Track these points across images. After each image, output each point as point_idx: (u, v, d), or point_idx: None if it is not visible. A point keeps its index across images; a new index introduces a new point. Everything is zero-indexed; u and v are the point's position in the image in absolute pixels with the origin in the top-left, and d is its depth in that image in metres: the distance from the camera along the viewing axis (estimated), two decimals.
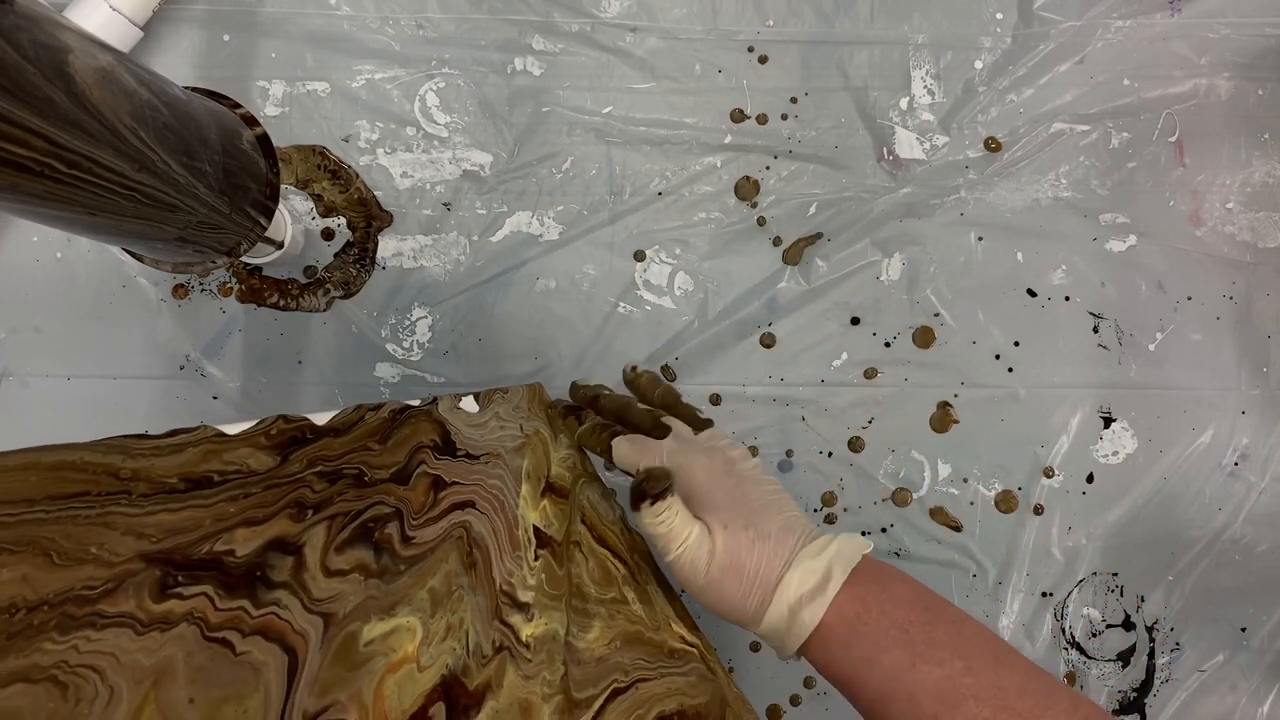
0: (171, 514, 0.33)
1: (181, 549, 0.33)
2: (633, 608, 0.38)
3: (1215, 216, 0.66)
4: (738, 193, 0.65)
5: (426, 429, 0.41)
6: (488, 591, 0.36)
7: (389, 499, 0.37)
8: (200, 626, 0.31)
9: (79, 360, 0.63)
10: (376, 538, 0.36)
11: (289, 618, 0.33)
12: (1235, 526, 0.65)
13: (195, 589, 0.32)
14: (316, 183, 0.64)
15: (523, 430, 0.42)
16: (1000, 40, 0.65)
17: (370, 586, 0.34)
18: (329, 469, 0.37)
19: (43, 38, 0.33)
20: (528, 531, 0.38)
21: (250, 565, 0.33)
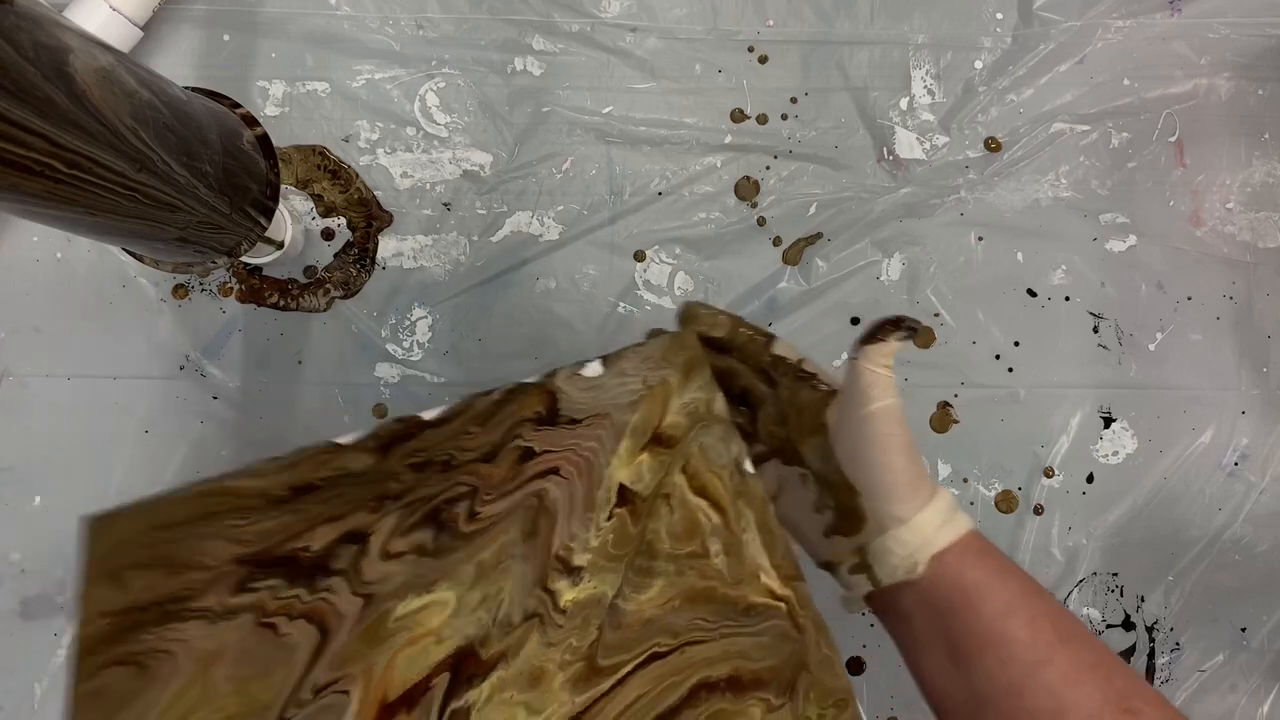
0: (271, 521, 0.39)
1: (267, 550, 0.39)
2: (712, 561, 0.38)
3: (1215, 216, 0.66)
4: (738, 193, 0.65)
5: (534, 402, 0.42)
6: (540, 559, 0.37)
7: (468, 479, 0.39)
8: (257, 614, 0.37)
9: (79, 360, 0.63)
10: (443, 518, 0.38)
11: (335, 601, 0.37)
12: (1235, 526, 0.65)
13: (265, 583, 0.38)
14: (316, 183, 0.64)
15: (645, 382, 0.41)
16: (1000, 40, 0.65)
17: (421, 565, 0.37)
18: (420, 460, 0.40)
19: (43, 38, 0.33)
20: (610, 491, 0.38)
21: (319, 557, 0.38)
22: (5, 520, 0.62)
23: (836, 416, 0.41)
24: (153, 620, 0.38)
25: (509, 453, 0.40)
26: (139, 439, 0.63)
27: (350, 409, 0.64)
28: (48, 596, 0.62)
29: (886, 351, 0.39)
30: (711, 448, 0.40)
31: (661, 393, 0.41)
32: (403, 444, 0.41)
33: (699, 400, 0.41)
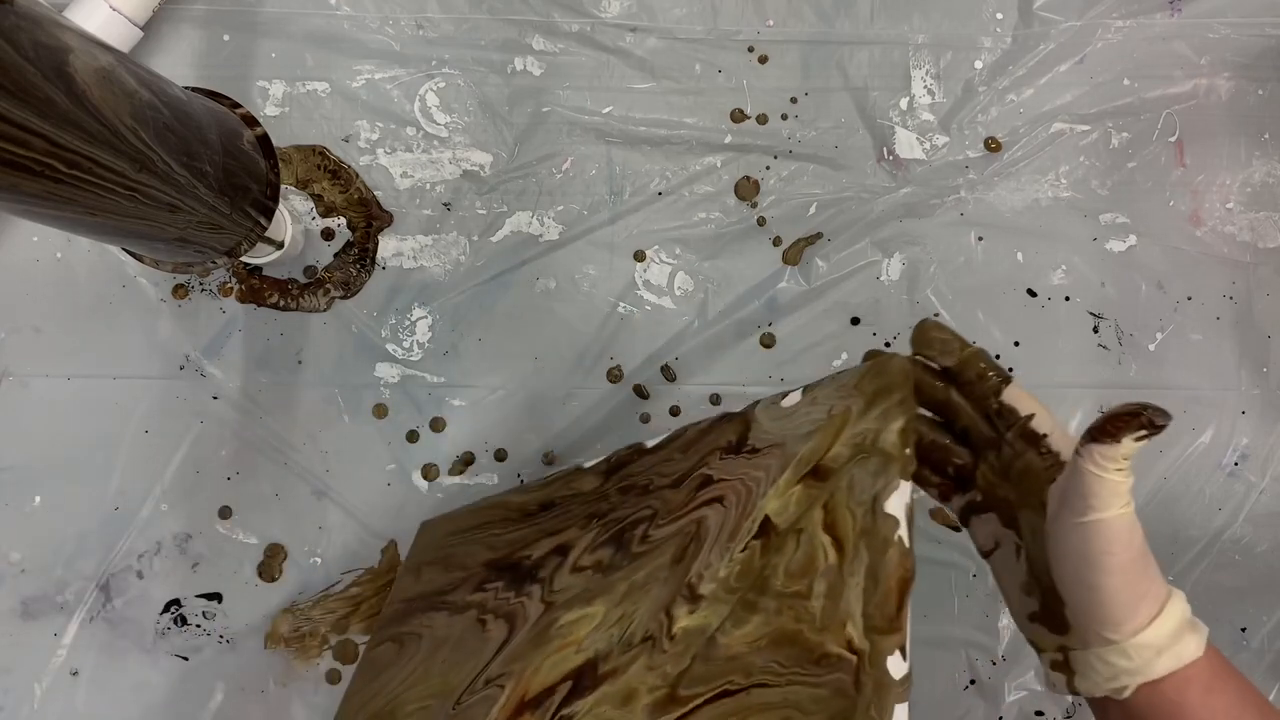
0: (517, 532, 0.44)
1: (506, 556, 0.43)
2: (811, 603, 0.36)
3: (1215, 216, 0.66)
4: (738, 193, 0.65)
5: (730, 431, 0.42)
6: (676, 584, 0.36)
7: (654, 503, 0.40)
8: (479, 610, 0.41)
9: (79, 360, 0.63)
10: (624, 538, 0.40)
11: (527, 605, 0.40)
12: (1235, 526, 0.65)
13: (493, 585, 0.42)
14: (316, 183, 0.64)
15: (829, 412, 0.39)
16: (1000, 40, 0.65)
17: (593, 580, 0.39)
18: (629, 484, 0.43)
19: (43, 38, 0.33)
20: (755, 521, 0.37)
21: (534, 565, 0.42)
22: (5, 520, 0.62)
23: (1055, 507, 0.34)
24: (421, 608, 0.44)
25: (693, 480, 0.40)
26: (139, 439, 0.63)
27: (350, 409, 0.64)
28: (48, 596, 0.62)
29: (1118, 454, 0.31)
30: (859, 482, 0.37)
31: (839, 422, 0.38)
32: (624, 468, 0.44)
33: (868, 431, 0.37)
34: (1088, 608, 0.33)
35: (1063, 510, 0.34)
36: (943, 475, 0.40)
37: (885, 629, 0.34)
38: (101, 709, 0.62)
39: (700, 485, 0.40)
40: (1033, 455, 0.36)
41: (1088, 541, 0.32)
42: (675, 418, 0.65)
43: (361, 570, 0.63)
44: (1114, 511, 0.32)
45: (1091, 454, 0.32)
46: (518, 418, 0.64)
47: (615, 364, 0.65)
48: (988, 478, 0.38)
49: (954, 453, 0.39)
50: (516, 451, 0.64)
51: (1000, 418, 0.37)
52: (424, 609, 0.44)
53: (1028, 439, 0.36)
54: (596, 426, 0.64)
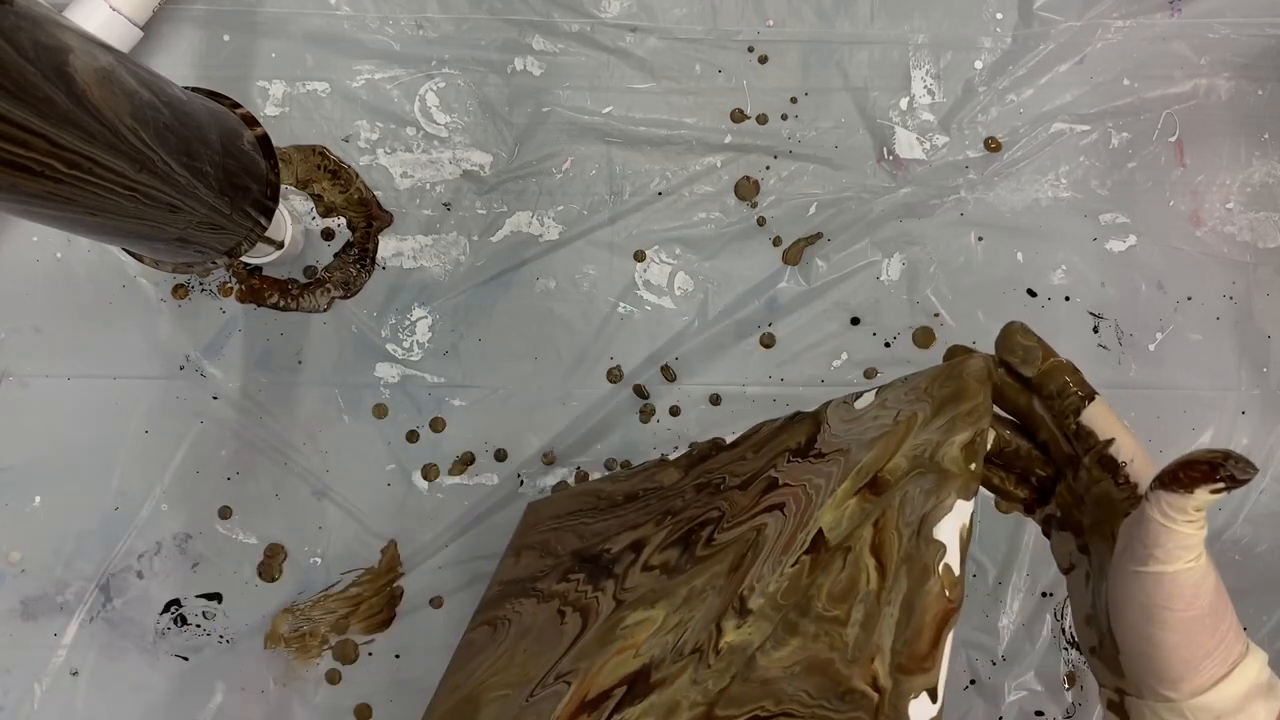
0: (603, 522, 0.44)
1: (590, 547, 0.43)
2: (846, 630, 0.33)
3: (1215, 216, 0.66)
4: (738, 193, 0.65)
5: (801, 431, 0.40)
6: (729, 594, 0.35)
7: (723, 504, 0.39)
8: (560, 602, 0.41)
9: (79, 360, 0.63)
10: (691, 539, 0.39)
11: (601, 601, 0.40)
12: (1235, 526, 0.65)
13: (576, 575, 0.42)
14: (316, 183, 0.64)
15: (896, 417, 0.37)
16: (1000, 40, 0.65)
17: (659, 581, 0.38)
18: (703, 481, 0.42)
19: (43, 38, 0.33)
20: (809, 534, 0.35)
21: (612, 559, 0.42)
22: (5, 520, 0.62)
23: (1122, 545, 0.32)
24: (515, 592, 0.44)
25: (760, 482, 0.39)
26: (139, 439, 0.63)
27: (350, 409, 0.64)
28: (48, 596, 0.62)
29: (1189, 505, 0.29)
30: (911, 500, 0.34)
31: (903, 430, 0.36)
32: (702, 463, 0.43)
33: (929, 443, 0.34)
34: (1143, 660, 0.30)
35: (1126, 553, 0.31)
36: (1027, 485, 0.38)
37: (911, 668, 0.31)
38: (101, 709, 0.62)
39: (766, 489, 0.38)
40: (1109, 484, 0.34)
41: (1147, 593, 0.30)
42: (675, 417, 0.65)
43: (361, 570, 0.63)
44: (1179, 565, 0.29)
45: (1160, 502, 0.30)
46: (518, 418, 0.64)
47: (615, 364, 0.65)
48: (1065, 497, 0.36)
49: (1038, 463, 0.37)
50: (516, 451, 0.64)
51: (1079, 439, 0.34)
52: (518, 594, 0.44)
53: (1105, 465, 0.34)
54: (596, 426, 0.64)
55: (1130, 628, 0.31)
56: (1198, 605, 0.29)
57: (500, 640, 0.42)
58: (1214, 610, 0.30)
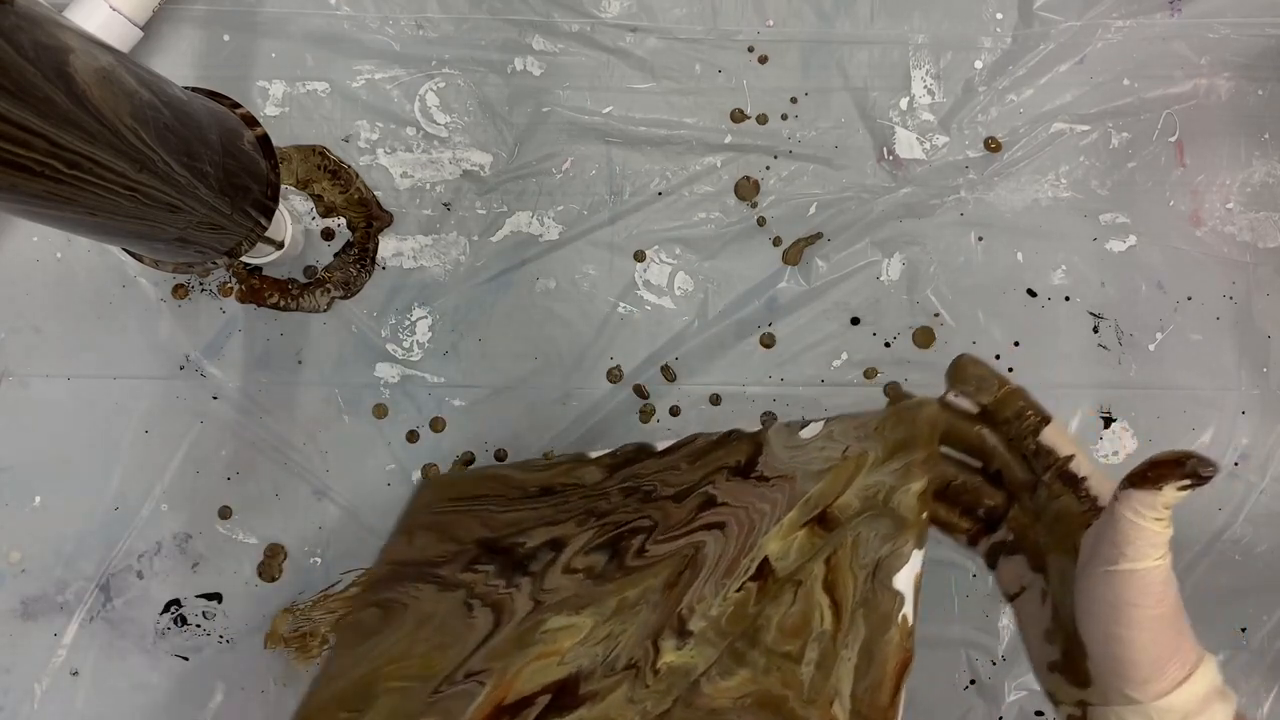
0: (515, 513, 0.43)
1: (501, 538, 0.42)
2: (800, 669, 0.33)
3: (1215, 216, 0.66)
4: (738, 193, 0.65)
5: (741, 450, 0.40)
6: (666, 612, 0.35)
7: (654, 514, 0.39)
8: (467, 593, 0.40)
9: (79, 360, 0.63)
10: (619, 546, 0.38)
11: (517, 598, 0.39)
12: (1235, 526, 0.65)
13: (485, 567, 0.41)
14: (316, 183, 0.64)
15: (845, 453, 0.37)
16: (1000, 40, 0.65)
17: (583, 586, 0.37)
18: (632, 485, 0.41)
19: (43, 38, 0.33)
20: (754, 561, 0.35)
21: (527, 555, 0.41)
22: (5, 520, 0.62)
23: (1088, 553, 0.33)
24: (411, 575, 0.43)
25: (696, 497, 0.39)
26: (139, 439, 0.63)
27: (350, 409, 0.64)
28: (48, 596, 0.62)
29: (1159, 503, 0.31)
30: (866, 542, 0.34)
31: (853, 466, 0.36)
32: (629, 467, 0.42)
33: (883, 486, 0.35)
34: (1112, 663, 0.31)
35: (1094, 557, 0.32)
36: (972, 518, 0.39)
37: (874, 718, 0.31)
38: (101, 709, 0.62)
39: (703, 505, 0.38)
40: (1069, 498, 0.35)
41: (1118, 592, 0.31)
42: (675, 417, 0.65)
43: (361, 570, 0.63)
44: (1148, 563, 0.31)
45: (1130, 500, 0.31)
46: (518, 418, 0.64)
47: (615, 364, 0.65)
48: (1020, 520, 0.37)
49: (986, 493, 0.38)
50: (516, 451, 0.64)
51: (1038, 458, 0.36)
52: (414, 577, 0.42)
53: (1066, 480, 0.35)
54: (596, 426, 0.64)
55: (1101, 629, 0.32)
56: (1165, 603, 0.31)
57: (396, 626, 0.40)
58: (1177, 612, 0.31)
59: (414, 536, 0.46)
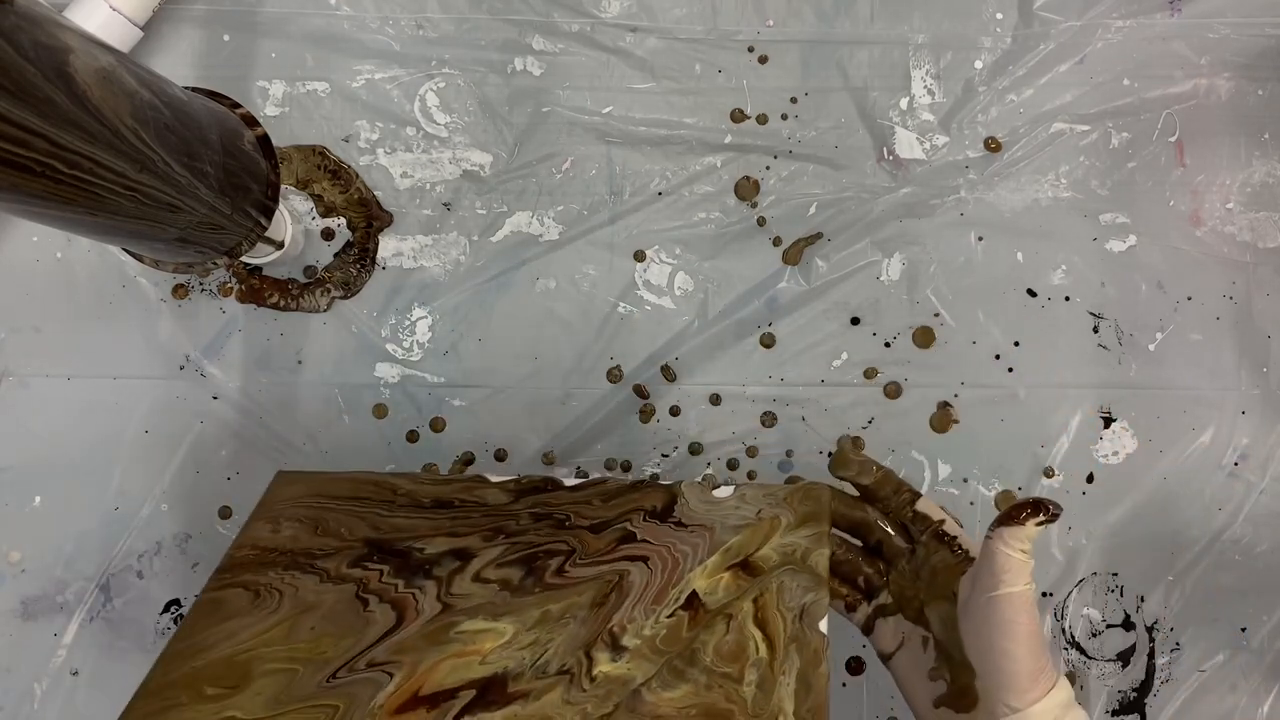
0: (406, 520, 0.46)
1: (392, 541, 0.45)
2: (742, 687, 0.39)
3: (1215, 216, 0.66)
4: (738, 193, 0.65)
5: (656, 497, 0.46)
6: (596, 627, 0.40)
7: (572, 540, 0.44)
8: (359, 587, 0.43)
9: (79, 360, 0.63)
10: (535, 564, 0.43)
11: (420, 599, 0.42)
12: (1235, 526, 0.65)
13: (376, 566, 0.44)
14: (316, 183, 0.64)
15: (759, 514, 0.45)
16: (1000, 40, 0.66)
17: (499, 596, 0.42)
18: (543, 511, 0.46)
19: (43, 38, 0.33)
20: (683, 592, 0.41)
21: (426, 560, 0.44)
22: (5, 520, 0.62)
23: (967, 591, 0.41)
24: (282, 564, 0.45)
25: (615, 531, 0.44)
26: (139, 439, 0.63)
27: (350, 409, 0.64)
28: (48, 596, 0.62)
29: (1023, 535, 0.39)
30: (789, 589, 0.41)
31: (769, 527, 0.44)
32: (535, 494, 0.47)
33: (798, 546, 0.43)
34: (999, 676, 0.39)
35: (976, 589, 0.40)
36: (852, 586, 0.47)
37: None
38: (101, 709, 0.62)
39: (623, 539, 0.44)
40: (945, 553, 0.44)
41: (1000, 612, 0.39)
42: (675, 417, 0.65)
43: None
44: (1020, 586, 0.39)
45: (1003, 535, 0.39)
46: (518, 418, 0.64)
47: (615, 364, 0.65)
48: (899, 582, 0.45)
49: (866, 565, 0.46)
50: (516, 451, 0.64)
51: (915, 524, 0.45)
52: (287, 565, 0.45)
53: (941, 540, 0.44)
54: (596, 426, 0.64)
55: (990, 647, 0.39)
56: (1035, 620, 0.39)
57: (270, 610, 0.43)
58: (1041, 632, 0.39)
59: (279, 526, 0.48)
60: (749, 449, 0.65)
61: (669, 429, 0.65)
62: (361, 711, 0.38)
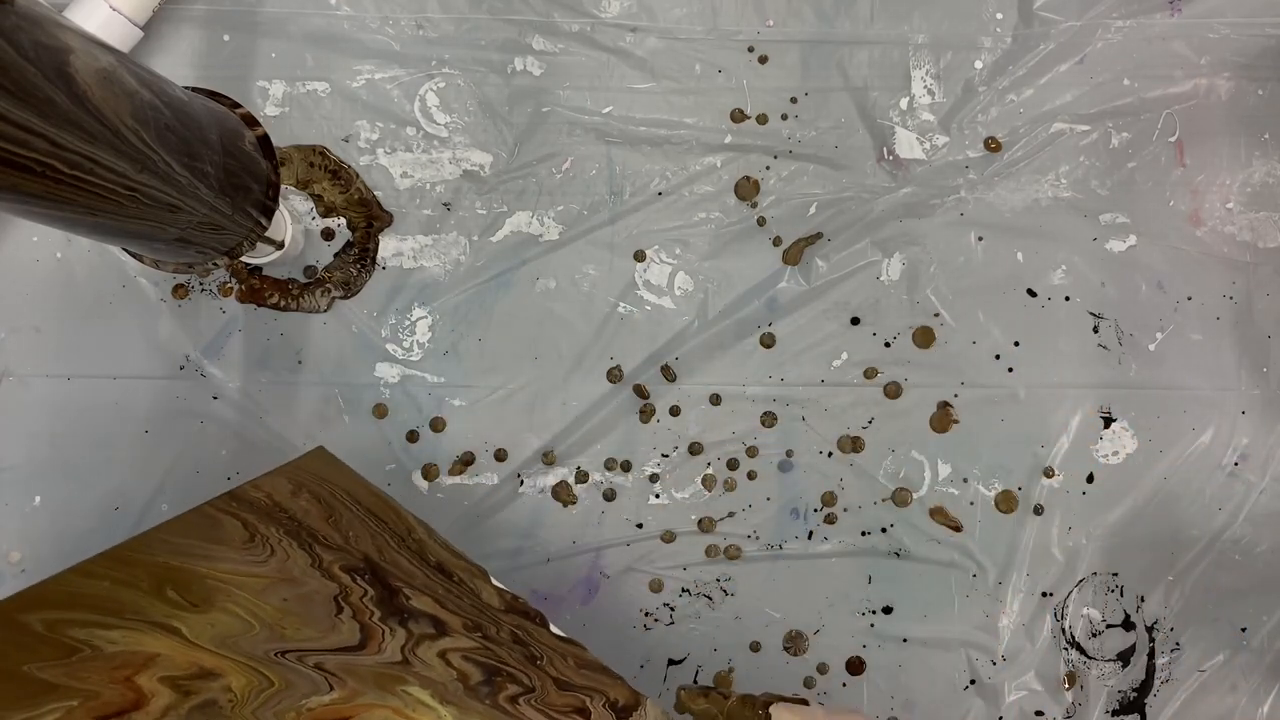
0: (407, 564, 0.48)
1: (388, 573, 0.47)
2: None
3: (1215, 216, 0.66)
4: (738, 193, 0.65)
5: (622, 692, 0.48)
6: None
7: (537, 681, 0.46)
8: (342, 592, 0.44)
9: (79, 360, 0.63)
10: (495, 680, 0.45)
11: (388, 639, 0.43)
12: (1235, 526, 0.65)
13: (363, 584, 0.45)
14: (316, 183, 0.64)
15: None
16: (1000, 40, 0.65)
17: (452, 684, 0.43)
18: (522, 637, 0.48)
19: (44, 39, 0.33)
20: None
21: (407, 610, 0.45)
22: (5, 520, 0.62)
23: None
24: (286, 528, 0.46)
25: (574, 699, 0.46)
26: (139, 439, 0.63)
27: (350, 409, 0.64)
28: None
29: None
30: None
31: None
32: (522, 619, 0.49)
33: None
34: None
35: None
36: None
37: None
38: None
39: (578, 709, 0.45)
40: None
41: None
42: (675, 417, 0.65)
43: None
44: None
45: None
46: (518, 418, 0.64)
47: (615, 364, 0.65)
48: None
49: None
50: (516, 451, 0.64)
51: None
52: (289, 531, 0.46)
53: None
54: (596, 426, 0.64)
55: None
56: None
57: (256, 558, 0.44)
58: None
59: (299, 492, 0.49)
60: (749, 449, 0.64)
61: (669, 429, 0.65)
62: (292, 702, 0.38)
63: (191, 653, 0.38)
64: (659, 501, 0.64)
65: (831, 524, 0.65)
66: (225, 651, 0.39)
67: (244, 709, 0.37)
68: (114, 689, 0.36)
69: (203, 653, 0.39)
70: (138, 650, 0.38)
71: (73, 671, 0.36)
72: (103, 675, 0.36)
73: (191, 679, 0.38)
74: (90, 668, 0.36)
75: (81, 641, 0.37)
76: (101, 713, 0.35)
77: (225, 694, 0.38)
